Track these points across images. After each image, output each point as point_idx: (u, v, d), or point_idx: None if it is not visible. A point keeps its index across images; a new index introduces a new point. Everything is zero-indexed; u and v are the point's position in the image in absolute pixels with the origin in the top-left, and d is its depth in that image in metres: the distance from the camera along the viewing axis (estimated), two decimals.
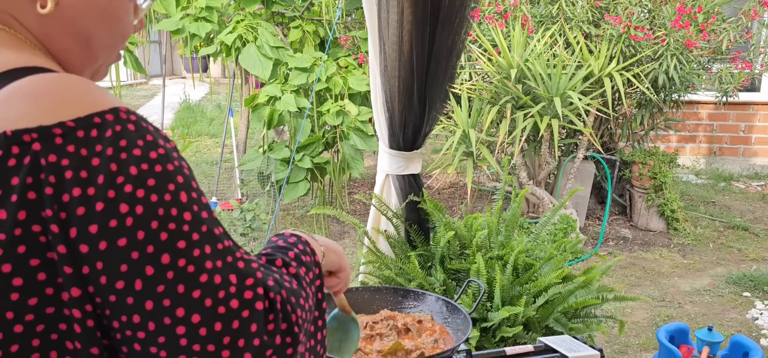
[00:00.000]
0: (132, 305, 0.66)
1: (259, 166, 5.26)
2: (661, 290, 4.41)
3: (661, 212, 5.50)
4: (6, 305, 0.65)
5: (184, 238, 0.67)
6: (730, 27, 5.32)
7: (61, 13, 0.77)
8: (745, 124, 7.55)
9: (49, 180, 0.64)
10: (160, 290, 0.66)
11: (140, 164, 0.66)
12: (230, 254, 0.72)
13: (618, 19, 4.96)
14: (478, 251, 2.38)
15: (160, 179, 0.67)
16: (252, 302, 0.71)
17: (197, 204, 0.70)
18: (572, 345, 1.62)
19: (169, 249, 0.66)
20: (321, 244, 0.98)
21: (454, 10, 2.43)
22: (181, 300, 0.67)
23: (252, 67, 4.83)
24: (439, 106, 2.59)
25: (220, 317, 0.68)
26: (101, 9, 0.80)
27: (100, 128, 0.66)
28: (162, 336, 0.67)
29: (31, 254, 0.65)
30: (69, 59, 0.80)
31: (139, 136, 0.68)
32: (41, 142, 0.64)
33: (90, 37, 0.80)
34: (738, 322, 3.98)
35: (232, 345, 0.69)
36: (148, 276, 0.66)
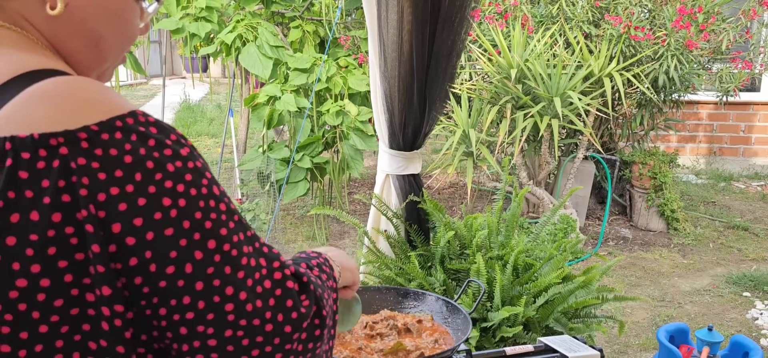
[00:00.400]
0: (182, 287, 0.70)
1: (259, 166, 5.26)
2: (661, 290, 4.41)
3: (661, 212, 5.50)
4: (33, 305, 0.67)
5: (224, 226, 0.73)
6: (730, 27, 5.32)
7: (71, 15, 0.78)
8: (745, 124, 7.55)
9: (83, 182, 0.66)
10: (209, 272, 0.71)
11: (175, 162, 0.70)
12: (257, 241, 0.78)
13: (618, 19, 4.96)
14: (478, 251, 2.37)
15: (194, 174, 0.72)
16: (283, 282, 0.78)
17: (227, 196, 0.76)
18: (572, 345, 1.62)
19: (214, 235, 0.72)
20: (337, 263, 1.04)
21: (454, 10, 2.43)
22: (229, 280, 0.72)
23: (252, 67, 4.83)
24: (439, 106, 2.59)
25: (259, 296, 0.75)
26: (110, 12, 0.81)
27: (124, 131, 0.69)
28: (211, 313, 0.72)
29: (60, 256, 0.67)
30: (78, 61, 0.82)
31: (165, 137, 0.71)
32: (68, 146, 0.66)
33: (99, 39, 0.82)
34: (738, 322, 3.98)
35: (273, 319, 0.75)
36: (198, 260, 0.70)
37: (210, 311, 0.72)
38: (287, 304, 0.77)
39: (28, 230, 0.65)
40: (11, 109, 0.68)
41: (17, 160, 0.65)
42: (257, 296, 0.74)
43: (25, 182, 0.65)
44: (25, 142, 0.66)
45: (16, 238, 0.65)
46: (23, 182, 0.65)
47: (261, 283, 0.75)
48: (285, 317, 0.77)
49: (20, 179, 0.65)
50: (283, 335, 0.76)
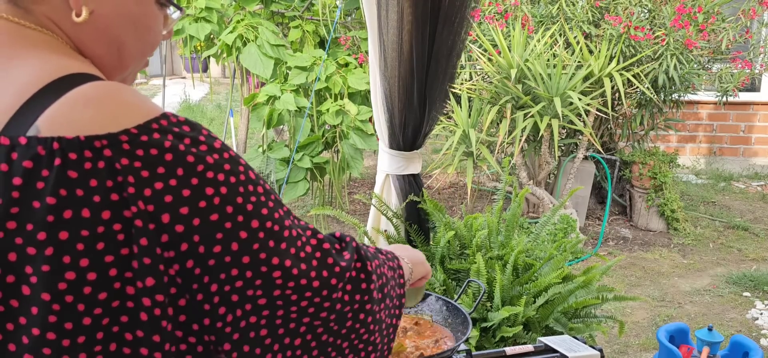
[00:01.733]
0: (230, 262, 0.76)
1: (258, 165, 5.26)
2: (661, 290, 4.41)
3: (661, 212, 5.50)
4: (79, 297, 0.71)
5: (265, 206, 0.80)
6: (730, 27, 5.32)
7: (95, 22, 0.81)
8: (745, 124, 7.55)
9: (129, 181, 0.70)
10: (255, 248, 0.77)
11: (212, 154, 0.76)
12: (292, 215, 0.86)
13: (618, 19, 4.96)
14: (478, 251, 2.37)
15: (231, 163, 0.77)
16: (320, 244, 0.86)
17: (262, 179, 0.82)
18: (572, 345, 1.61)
19: (256, 216, 0.78)
20: (407, 260, 1.13)
21: (454, 10, 2.43)
22: (274, 252, 0.79)
23: (253, 66, 4.82)
24: (439, 106, 2.59)
25: (303, 260, 0.82)
26: (133, 19, 0.84)
27: (161, 132, 0.73)
28: (259, 279, 0.78)
29: (107, 251, 0.71)
30: (101, 65, 0.84)
31: (198, 134, 0.76)
32: (111, 148, 0.70)
33: (122, 45, 0.85)
34: (738, 322, 3.98)
35: (318, 276, 0.83)
36: (243, 239, 0.77)
37: (258, 278, 0.78)
38: (328, 261, 0.85)
39: (79, 226, 0.69)
40: (57, 111, 0.71)
41: (65, 160, 0.69)
42: (301, 261, 0.82)
43: (75, 181, 0.69)
44: (72, 143, 0.69)
45: (68, 233, 0.69)
46: (73, 181, 0.69)
47: (303, 249, 0.83)
48: (329, 272, 0.85)
49: (70, 178, 0.69)
50: (329, 287, 0.84)
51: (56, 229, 0.68)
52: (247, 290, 0.78)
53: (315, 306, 0.84)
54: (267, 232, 0.79)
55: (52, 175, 0.68)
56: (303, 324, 0.84)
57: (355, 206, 5.93)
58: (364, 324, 0.91)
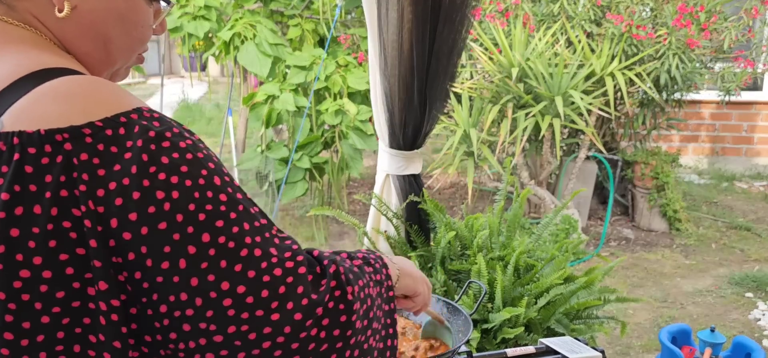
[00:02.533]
0: (178, 284, 0.70)
1: (257, 165, 5.24)
2: (663, 291, 4.39)
3: (663, 212, 5.47)
4: (35, 296, 0.69)
5: (222, 217, 0.72)
6: (732, 26, 5.30)
7: (79, 17, 0.80)
8: (748, 123, 7.53)
9: (83, 178, 0.68)
10: (203, 267, 0.70)
11: (171, 154, 0.71)
12: (267, 231, 0.76)
13: (620, 18, 4.94)
14: (479, 252, 2.35)
15: (192, 165, 0.71)
16: (294, 269, 0.76)
17: (231, 187, 0.74)
18: (574, 346, 1.59)
19: (208, 228, 0.71)
20: (398, 267, 1.03)
21: (454, 9, 2.40)
22: (224, 274, 0.71)
23: (251, 65, 4.81)
24: (440, 106, 2.57)
25: (265, 285, 0.73)
26: (119, 14, 0.83)
27: (127, 126, 0.70)
28: (210, 310, 0.71)
29: (61, 249, 0.68)
30: (88, 62, 0.83)
31: (165, 130, 0.72)
32: (72, 141, 0.68)
33: (108, 41, 0.83)
34: (740, 323, 3.96)
35: (280, 308, 0.73)
36: (191, 255, 0.70)
37: (208, 308, 0.71)
38: (297, 291, 0.75)
39: (30, 223, 0.67)
40: (23, 105, 0.69)
41: (24, 155, 0.67)
42: (263, 287, 0.72)
43: (30, 177, 0.67)
44: (32, 137, 0.68)
45: (19, 230, 0.67)
46: (28, 176, 0.67)
47: (269, 272, 0.73)
48: (295, 305, 0.74)
49: (26, 174, 0.67)
50: (293, 323, 0.74)
51: (7, 226, 0.67)
52: (198, 323, 0.71)
53: (281, 348, 0.74)
54: (219, 249, 0.71)
55: (10, 171, 0.67)
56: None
57: (355, 206, 5.91)
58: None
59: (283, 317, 0.73)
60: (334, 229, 5.47)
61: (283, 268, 0.75)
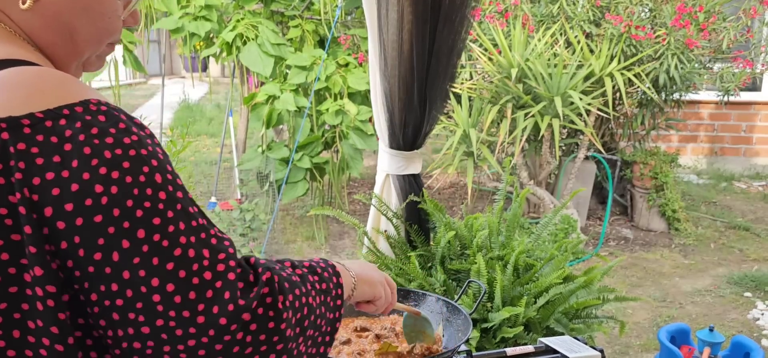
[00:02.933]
0: (110, 275, 0.71)
1: (258, 165, 5.25)
2: (662, 291, 4.40)
3: (662, 212, 5.48)
4: None
5: (159, 215, 0.73)
6: (731, 26, 5.30)
7: (43, 9, 0.82)
8: (746, 123, 7.54)
9: (19, 166, 0.69)
10: (135, 262, 0.72)
11: (114, 149, 0.72)
12: (204, 231, 0.77)
13: (619, 19, 4.94)
14: (478, 252, 2.36)
15: (134, 161, 0.72)
16: (224, 274, 0.76)
17: (172, 185, 0.75)
18: (573, 346, 1.60)
19: (144, 225, 0.72)
20: (354, 275, 1.06)
21: (454, 9, 2.41)
22: (155, 271, 0.72)
23: (253, 65, 4.81)
24: (440, 106, 2.58)
25: (193, 287, 0.74)
26: (84, 5, 0.83)
27: (69, 119, 0.71)
28: (139, 302, 0.72)
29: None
30: (55, 53, 0.84)
31: (110, 125, 0.73)
32: (10, 131, 0.69)
33: (74, 32, 0.84)
34: (739, 322, 3.97)
35: (206, 311, 0.74)
36: (124, 249, 0.71)
37: (138, 300, 0.72)
38: (225, 296, 0.75)
39: None
40: None
41: None
42: (191, 288, 0.73)
43: None
44: None
45: None
46: None
47: (199, 274, 0.74)
48: (220, 310, 0.75)
49: None
50: (217, 327, 0.75)
51: None
52: (127, 313, 0.73)
53: (205, 348, 0.75)
54: (152, 246, 0.72)
55: None
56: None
57: (355, 206, 5.92)
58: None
59: (208, 320, 0.74)
60: (335, 229, 5.48)
61: (214, 271, 0.76)
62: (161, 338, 0.74)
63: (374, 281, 1.11)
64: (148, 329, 0.73)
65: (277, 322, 0.80)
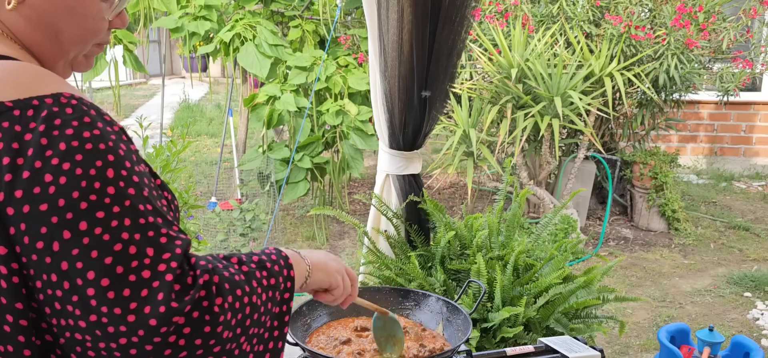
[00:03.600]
0: (50, 265, 0.73)
1: (258, 166, 5.25)
2: (661, 291, 4.40)
3: (661, 212, 5.49)
4: None
5: (103, 209, 0.74)
6: (731, 26, 5.31)
7: (27, 10, 0.84)
8: (746, 124, 7.54)
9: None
10: (74, 253, 0.73)
11: (70, 141, 0.73)
12: (152, 230, 0.78)
13: (618, 19, 4.95)
14: (478, 252, 2.37)
15: (88, 155, 0.74)
16: (163, 274, 0.76)
17: (124, 181, 0.76)
18: (573, 346, 1.61)
19: (86, 217, 0.73)
20: (309, 263, 1.05)
21: (454, 10, 2.42)
22: (92, 264, 0.73)
23: (250, 66, 4.82)
24: (440, 106, 2.58)
25: (129, 284, 0.74)
26: (68, 6, 0.85)
27: (37, 109, 0.74)
28: (75, 295, 0.73)
29: None
30: (41, 51, 0.87)
31: (74, 118, 0.75)
32: None
33: (58, 31, 0.86)
34: (739, 322, 3.97)
35: (137, 310, 0.74)
36: (65, 240, 0.72)
37: (74, 293, 0.73)
38: (158, 297, 0.75)
39: None
40: None
41: None
42: (126, 285, 0.74)
43: None
44: None
45: None
46: None
47: (137, 272, 0.75)
48: (152, 311, 0.75)
49: None
50: (147, 328, 0.74)
51: None
52: (66, 305, 0.74)
53: (136, 348, 0.75)
54: (93, 239, 0.73)
55: None
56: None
57: (355, 206, 5.92)
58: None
59: (139, 320, 0.74)
60: (335, 228, 5.48)
61: (154, 271, 0.76)
62: (96, 333, 0.75)
63: (330, 269, 1.10)
64: (84, 323, 0.74)
65: (213, 325, 0.79)
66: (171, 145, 3.13)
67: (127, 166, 0.77)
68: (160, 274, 0.76)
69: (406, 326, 1.59)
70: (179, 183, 3.38)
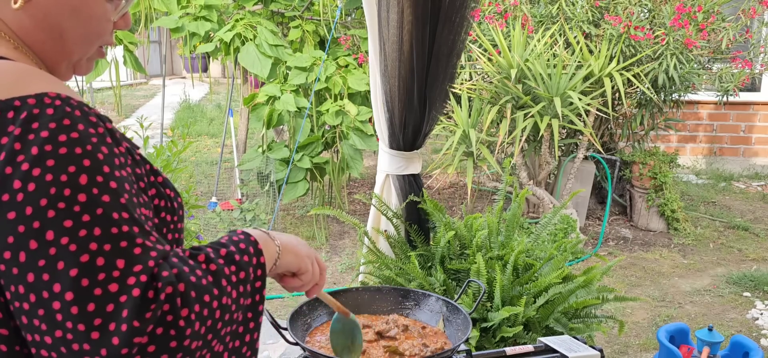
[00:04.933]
0: (17, 276, 0.69)
1: (258, 166, 5.26)
2: (661, 290, 4.41)
3: (661, 212, 5.49)
4: None
5: (72, 218, 0.70)
6: (730, 26, 5.31)
7: (33, 9, 0.83)
8: (746, 124, 7.55)
9: None
10: (40, 264, 0.69)
11: (43, 145, 0.70)
12: (125, 240, 0.73)
13: (618, 19, 4.96)
14: (478, 251, 2.37)
15: (60, 160, 0.70)
16: (130, 289, 0.71)
17: (99, 187, 0.72)
18: (572, 345, 1.61)
19: (54, 226, 0.69)
20: (279, 244, 0.99)
21: (454, 10, 2.43)
22: (59, 276, 0.69)
23: (251, 66, 4.82)
24: (439, 106, 2.59)
25: (94, 298, 0.70)
26: (73, 6, 0.84)
27: (18, 110, 0.71)
28: (41, 309, 0.69)
29: None
30: (44, 52, 0.86)
31: (53, 120, 0.71)
32: None
33: (63, 32, 0.85)
34: (738, 322, 3.98)
35: (102, 327, 0.70)
36: (31, 250, 0.69)
37: (40, 306, 0.70)
38: (123, 314, 0.70)
39: None
40: None
41: None
42: (91, 299, 0.69)
43: None
44: None
45: None
46: None
47: (103, 285, 0.70)
48: (116, 328, 0.70)
49: None
50: (110, 347, 0.70)
51: None
52: (33, 319, 0.70)
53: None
54: (59, 249, 0.69)
55: None
56: None
57: (355, 206, 5.93)
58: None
59: (102, 338, 0.70)
60: (335, 228, 5.49)
61: (121, 284, 0.71)
62: (61, 351, 0.70)
63: (300, 253, 1.05)
64: (50, 339, 0.70)
65: (180, 339, 0.75)
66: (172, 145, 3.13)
67: (105, 171, 0.73)
68: (128, 288, 0.71)
69: (406, 325, 1.60)
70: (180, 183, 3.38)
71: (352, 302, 1.66)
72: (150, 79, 13.76)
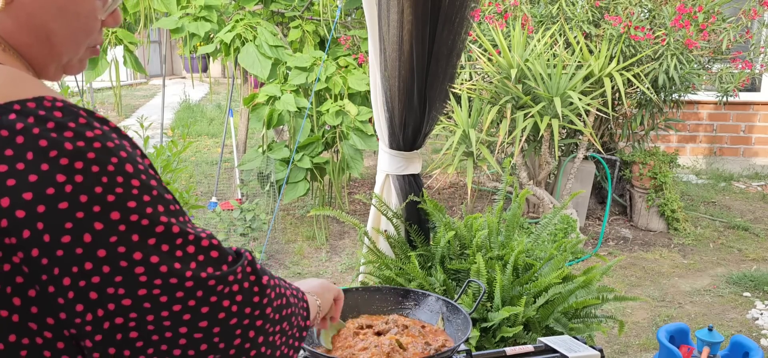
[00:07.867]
0: (82, 255, 0.71)
1: (258, 166, 5.26)
2: (661, 290, 4.41)
3: (661, 212, 5.50)
4: None
5: (134, 199, 0.73)
6: (730, 27, 5.31)
7: (16, 11, 0.80)
8: (746, 124, 7.55)
9: None
10: (112, 240, 0.72)
11: (76, 142, 0.71)
12: (182, 216, 0.79)
13: (618, 19, 4.96)
14: (478, 251, 2.37)
15: (100, 152, 0.72)
16: (208, 250, 0.79)
17: (145, 174, 0.76)
18: (572, 345, 1.61)
19: (117, 208, 0.72)
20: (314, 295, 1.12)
21: (454, 10, 2.43)
22: (136, 246, 0.73)
23: (251, 66, 4.82)
24: (439, 106, 2.59)
25: (176, 259, 0.76)
26: (59, 6, 0.82)
27: (20, 113, 0.71)
28: (118, 275, 0.73)
29: None
30: (32, 54, 0.83)
31: (69, 120, 0.72)
32: None
33: (50, 33, 0.83)
34: (738, 322, 3.98)
35: (195, 277, 0.77)
36: (97, 230, 0.71)
37: (117, 274, 0.73)
38: (208, 267, 0.78)
39: None
40: None
41: None
42: (175, 260, 0.75)
43: None
44: None
45: None
46: None
47: (181, 248, 0.76)
48: (209, 274, 0.78)
49: None
50: (206, 288, 0.77)
51: None
52: (106, 288, 0.73)
53: (191, 312, 0.77)
54: (130, 225, 0.73)
55: None
56: (181, 336, 0.77)
57: (355, 206, 5.93)
58: (254, 345, 0.84)
59: (197, 284, 0.76)
60: (335, 229, 5.49)
61: (200, 247, 0.78)
62: (144, 307, 0.74)
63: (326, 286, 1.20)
64: (130, 301, 0.74)
65: (262, 296, 0.84)
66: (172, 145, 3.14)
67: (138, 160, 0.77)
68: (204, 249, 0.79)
69: (406, 325, 1.60)
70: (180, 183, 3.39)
71: (352, 302, 1.66)
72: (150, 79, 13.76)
